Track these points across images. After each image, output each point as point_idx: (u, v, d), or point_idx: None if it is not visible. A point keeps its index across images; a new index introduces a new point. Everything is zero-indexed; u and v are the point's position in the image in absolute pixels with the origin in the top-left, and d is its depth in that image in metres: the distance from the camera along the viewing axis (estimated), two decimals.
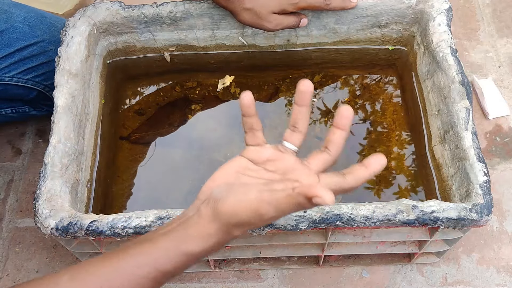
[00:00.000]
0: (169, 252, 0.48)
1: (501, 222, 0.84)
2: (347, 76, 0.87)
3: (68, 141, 0.68)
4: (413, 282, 0.79)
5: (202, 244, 0.47)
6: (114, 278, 0.48)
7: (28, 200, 0.88)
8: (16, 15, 0.79)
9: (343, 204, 0.61)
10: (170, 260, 0.48)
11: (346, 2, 0.76)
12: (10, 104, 0.86)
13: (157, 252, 0.48)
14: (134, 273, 0.48)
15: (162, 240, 0.48)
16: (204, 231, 0.47)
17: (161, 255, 0.48)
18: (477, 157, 0.64)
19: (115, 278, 0.48)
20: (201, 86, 0.87)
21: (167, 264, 0.48)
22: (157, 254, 0.48)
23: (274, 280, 0.80)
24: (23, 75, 0.80)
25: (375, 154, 0.48)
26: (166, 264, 0.48)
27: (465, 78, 0.70)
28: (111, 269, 0.48)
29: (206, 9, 0.79)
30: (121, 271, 0.48)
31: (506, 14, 1.06)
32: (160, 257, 0.48)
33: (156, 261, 0.48)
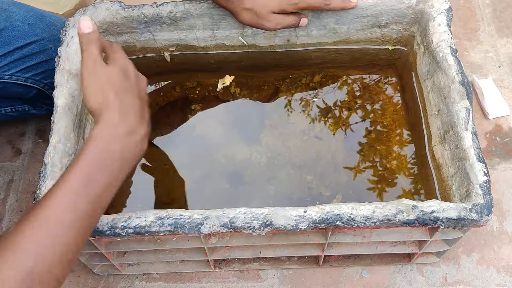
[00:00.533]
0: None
1: (501, 222, 0.84)
2: (347, 76, 0.87)
3: (68, 141, 0.68)
4: (413, 282, 0.79)
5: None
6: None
7: (28, 200, 0.88)
8: (15, 13, 0.79)
9: (343, 204, 0.61)
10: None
11: (346, 2, 0.76)
12: (10, 103, 0.86)
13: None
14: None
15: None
16: None
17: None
18: (477, 157, 0.64)
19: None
20: (201, 86, 0.87)
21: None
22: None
23: (274, 280, 0.80)
24: (22, 73, 0.80)
25: None
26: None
27: (465, 78, 0.70)
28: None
29: (206, 9, 0.79)
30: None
31: (506, 14, 1.06)
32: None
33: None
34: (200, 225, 0.60)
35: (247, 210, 0.61)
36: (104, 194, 0.54)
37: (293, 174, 0.78)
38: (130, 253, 0.73)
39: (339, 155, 0.80)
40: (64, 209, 0.51)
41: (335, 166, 0.79)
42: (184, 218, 0.60)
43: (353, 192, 0.77)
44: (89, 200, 0.53)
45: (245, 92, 0.86)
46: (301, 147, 0.81)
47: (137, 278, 0.80)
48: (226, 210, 0.61)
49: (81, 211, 0.52)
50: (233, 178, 0.79)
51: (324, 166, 0.79)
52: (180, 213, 0.61)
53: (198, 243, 0.67)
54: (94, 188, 0.53)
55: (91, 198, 0.53)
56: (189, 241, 0.67)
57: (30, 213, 0.51)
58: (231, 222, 0.60)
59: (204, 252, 0.71)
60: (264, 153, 0.80)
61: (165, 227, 0.60)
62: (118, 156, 0.56)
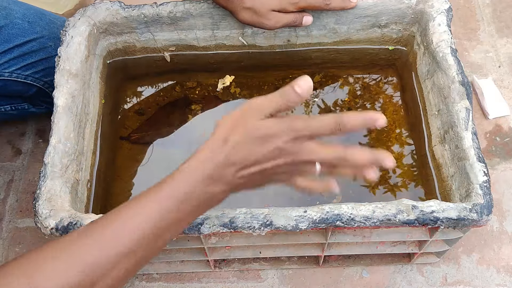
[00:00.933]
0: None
1: (501, 222, 0.84)
2: (347, 76, 0.87)
3: (68, 141, 0.68)
4: (413, 282, 0.79)
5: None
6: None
7: (28, 200, 0.88)
8: (15, 11, 0.79)
9: (343, 204, 0.61)
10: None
11: (346, 2, 0.76)
12: (10, 101, 0.86)
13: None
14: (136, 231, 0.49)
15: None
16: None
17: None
18: (477, 157, 0.64)
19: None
20: (201, 86, 0.87)
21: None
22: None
23: (274, 280, 0.80)
24: (22, 71, 0.80)
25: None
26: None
27: (465, 78, 0.70)
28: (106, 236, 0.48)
29: (206, 9, 0.79)
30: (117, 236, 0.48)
31: (506, 14, 1.06)
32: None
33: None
34: (200, 225, 0.60)
35: (247, 210, 0.61)
36: (168, 231, 0.51)
37: None
38: None
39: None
40: (127, 234, 0.49)
41: None
42: None
43: (353, 192, 0.77)
44: (154, 232, 0.50)
45: (245, 92, 0.86)
46: None
47: (137, 278, 0.80)
48: (226, 210, 0.61)
49: (142, 241, 0.49)
50: None
51: None
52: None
53: (198, 243, 0.67)
54: (163, 221, 0.50)
55: (157, 231, 0.50)
56: (189, 241, 0.67)
57: (91, 225, 0.49)
58: (231, 222, 0.60)
59: (204, 252, 0.71)
60: None
61: None
62: (198, 196, 0.51)
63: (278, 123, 0.51)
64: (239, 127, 0.51)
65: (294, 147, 0.51)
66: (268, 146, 0.51)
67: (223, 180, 0.51)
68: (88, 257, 0.47)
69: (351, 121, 0.50)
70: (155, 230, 0.50)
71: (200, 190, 0.51)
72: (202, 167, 0.51)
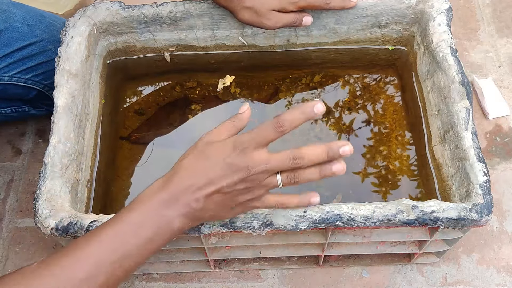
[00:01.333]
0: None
1: (501, 222, 0.84)
2: (347, 76, 0.87)
3: (68, 141, 0.68)
4: (413, 282, 0.79)
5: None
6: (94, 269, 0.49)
7: (28, 200, 0.88)
8: (15, 14, 0.79)
9: (343, 204, 0.61)
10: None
11: (346, 2, 0.76)
12: (10, 104, 0.86)
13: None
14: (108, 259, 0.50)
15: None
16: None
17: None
18: (477, 157, 0.64)
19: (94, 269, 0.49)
20: (201, 86, 0.87)
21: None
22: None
23: (274, 280, 0.80)
24: (22, 74, 0.80)
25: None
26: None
27: (465, 78, 0.70)
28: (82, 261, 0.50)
29: (206, 9, 0.79)
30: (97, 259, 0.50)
31: (506, 14, 1.06)
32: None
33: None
34: (200, 225, 0.60)
35: None
36: (130, 258, 0.52)
37: None
38: None
39: None
40: (85, 263, 0.50)
41: None
42: None
43: (353, 192, 0.77)
44: (113, 260, 0.51)
45: (245, 92, 0.86)
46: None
47: (137, 278, 0.80)
48: None
49: (102, 268, 0.50)
50: None
51: None
52: None
53: (198, 243, 0.67)
54: (121, 248, 0.51)
55: (116, 258, 0.51)
56: (189, 241, 0.67)
57: (52, 256, 0.51)
58: (231, 222, 0.60)
59: (204, 252, 0.71)
60: None
61: None
62: (153, 223, 0.53)
63: (223, 141, 0.53)
64: (189, 154, 0.54)
65: (243, 159, 0.52)
66: (216, 162, 0.52)
67: (179, 203, 0.52)
68: (46, 286, 0.48)
69: (288, 115, 0.52)
70: (113, 255, 0.51)
71: (156, 213, 0.52)
72: (156, 192, 0.53)
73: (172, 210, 0.52)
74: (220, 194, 0.53)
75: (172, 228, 0.53)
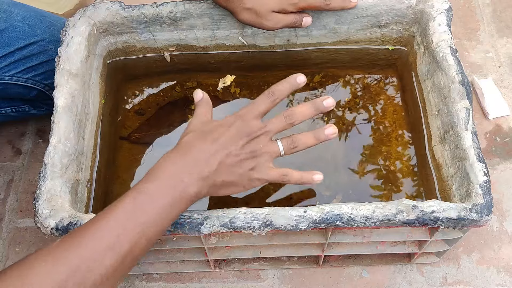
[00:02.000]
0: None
1: (501, 222, 0.84)
2: (347, 76, 0.87)
3: (68, 141, 0.68)
4: (413, 282, 0.79)
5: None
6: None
7: (28, 200, 0.88)
8: (15, 14, 0.79)
9: (343, 204, 0.61)
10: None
11: (346, 2, 0.76)
12: (10, 103, 0.86)
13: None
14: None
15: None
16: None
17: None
18: (477, 157, 0.64)
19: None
20: (201, 86, 0.87)
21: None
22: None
23: (274, 280, 0.80)
24: (23, 74, 0.80)
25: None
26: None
27: (465, 78, 0.70)
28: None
29: (206, 9, 0.79)
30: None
31: (506, 14, 1.06)
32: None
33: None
34: (200, 225, 0.60)
35: (247, 210, 0.61)
36: (151, 227, 0.53)
37: None
38: None
39: (339, 155, 0.80)
40: (109, 232, 0.51)
41: (335, 166, 0.79)
42: (184, 218, 0.60)
43: (353, 192, 0.77)
44: (135, 228, 0.52)
45: (245, 92, 0.86)
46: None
47: (137, 278, 0.80)
48: (226, 210, 0.61)
49: (126, 237, 0.51)
50: None
51: (324, 166, 0.79)
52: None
53: (198, 243, 0.67)
54: (142, 217, 0.53)
55: (138, 228, 0.52)
56: (189, 241, 0.67)
57: (78, 229, 0.51)
58: (231, 222, 0.60)
59: (204, 252, 0.71)
60: None
61: None
62: (169, 191, 0.55)
63: (224, 118, 0.62)
64: (190, 131, 0.62)
65: (245, 126, 0.60)
66: (222, 132, 0.59)
67: (193, 170, 0.57)
68: (72, 256, 0.49)
69: (277, 86, 0.63)
70: (135, 224, 0.52)
71: (172, 181, 0.56)
72: (170, 162, 0.57)
73: (187, 176, 0.56)
74: (230, 158, 0.58)
75: (189, 193, 0.56)
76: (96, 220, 0.52)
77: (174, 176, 0.56)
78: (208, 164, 0.57)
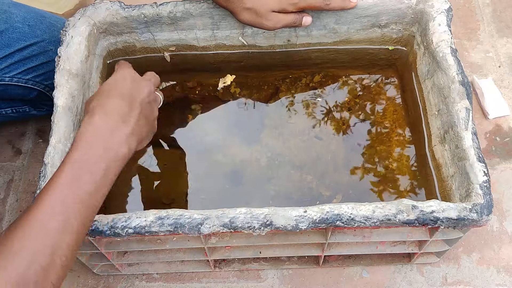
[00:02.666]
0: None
1: (501, 222, 0.84)
2: (347, 76, 0.87)
3: (68, 141, 0.68)
4: (413, 282, 0.79)
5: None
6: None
7: (28, 200, 0.88)
8: (15, 15, 0.79)
9: (343, 204, 0.61)
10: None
11: (346, 2, 0.76)
12: (10, 104, 0.86)
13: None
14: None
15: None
16: None
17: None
18: (477, 157, 0.64)
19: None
20: (201, 86, 0.87)
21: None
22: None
23: (274, 280, 0.80)
24: (23, 75, 0.80)
25: None
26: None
27: (465, 78, 0.70)
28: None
29: (206, 9, 0.79)
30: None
31: (506, 14, 1.06)
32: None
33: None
34: (200, 225, 0.60)
35: (247, 210, 0.61)
36: (93, 194, 0.54)
37: (293, 174, 0.78)
38: (130, 253, 0.73)
39: (339, 155, 0.80)
40: (53, 212, 0.51)
41: (335, 166, 0.79)
42: (184, 218, 0.60)
43: (353, 192, 0.77)
44: (78, 200, 0.52)
45: (245, 92, 0.86)
46: (301, 147, 0.81)
47: (137, 278, 0.80)
48: (226, 210, 0.61)
49: (71, 212, 0.51)
50: (233, 178, 0.79)
51: (324, 166, 0.79)
52: (180, 213, 0.61)
53: (198, 243, 0.67)
54: (81, 188, 0.53)
55: (79, 198, 0.52)
56: (189, 241, 0.67)
57: (21, 217, 0.51)
58: (231, 222, 0.60)
59: (204, 252, 0.71)
60: (264, 153, 0.81)
61: (165, 227, 0.60)
62: (102, 155, 0.56)
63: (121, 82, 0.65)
64: (95, 97, 0.62)
65: (141, 82, 0.66)
66: (125, 91, 0.63)
67: (117, 129, 0.58)
68: (25, 251, 0.48)
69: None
70: (77, 196, 0.53)
71: (102, 145, 0.57)
72: (92, 128, 0.58)
73: (114, 137, 0.58)
74: (143, 107, 0.63)
75: (122, 152, 0.58)
76: (39, 201, 0.51)
77: (103, 139, 0.57)
78: (129, 121, 0.60)
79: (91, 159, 0.55)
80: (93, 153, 0.55)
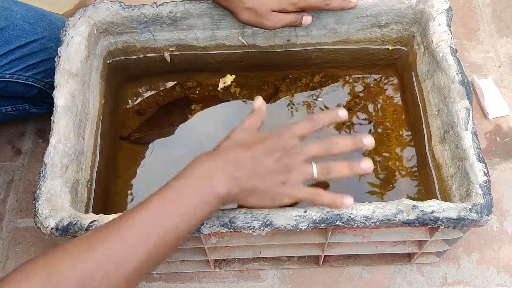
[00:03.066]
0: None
1: (501, 222, 0.84)
2: (347, 76, 0.87)
3: (68, 141, 0.68)
4: (413, 282, 0.79)
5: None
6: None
7: (28, 200, 0.88)
8: (16, 12, 0.79)
9: None
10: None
11: (346, 2, 0.76)
12: (10, 102, 0.86)
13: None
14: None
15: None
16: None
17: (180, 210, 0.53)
18: (477, 157, 0.64)
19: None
20: (201, 86, 0.87)
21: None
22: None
23: (274, 280, 0.80)
24: (23, 72, 0.80)
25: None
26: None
27: (465, 78, 0.70)
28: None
29: (206, 9, 0.79)
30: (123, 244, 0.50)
31: (506, 14, 1.06)
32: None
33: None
34: (200, 225, 0.60)
35: (247, 210, 0.61)
36: (178, 225, 0.53)
37: None
38: None
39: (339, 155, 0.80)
40: (132, 231, 0.51)
41: None
42: None
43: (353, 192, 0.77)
44: (163, 228, 0.52)
45: (245, 92, 0.86)
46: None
47: None
48: (226, 210, 0.61)
49: (151, 237, 0.51)
50: None
51: None
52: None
53: (198, 243, 0.67)
54: (169, 216, 0.53)
55: (164, 226, 0.52)
56: (189, 241, 0.67)
57: (101, 228, 0.51)
58: (231, 222, 0.60)
59: (204, 252, 0.71)
60: None
61: None
62: (198, 190, 0.55)
63: (262, 132, 0.62)
64: (230, 138, 0.61)
65: (280, 140, 0.59)
66: (257, 142, 0.58)
67: (223, 171, 0.56)
68: (99, 249, 0.49)
69: (320, 115, 0.62)
70: (162, 220, 0.52)
71: (201, 180, 0.55)
72: (201, 162, 0.57)
73: (217, 175, 0.55)
74: (263, 167, 0.57)
75: (218, 192, 0.55)
76: (124, 216, 0.52)
77: (205, 174, 0.55)
78: (241, 167, 0.56)
79: (186, 190, 0.54)
80: (191, 185, 0.55)
